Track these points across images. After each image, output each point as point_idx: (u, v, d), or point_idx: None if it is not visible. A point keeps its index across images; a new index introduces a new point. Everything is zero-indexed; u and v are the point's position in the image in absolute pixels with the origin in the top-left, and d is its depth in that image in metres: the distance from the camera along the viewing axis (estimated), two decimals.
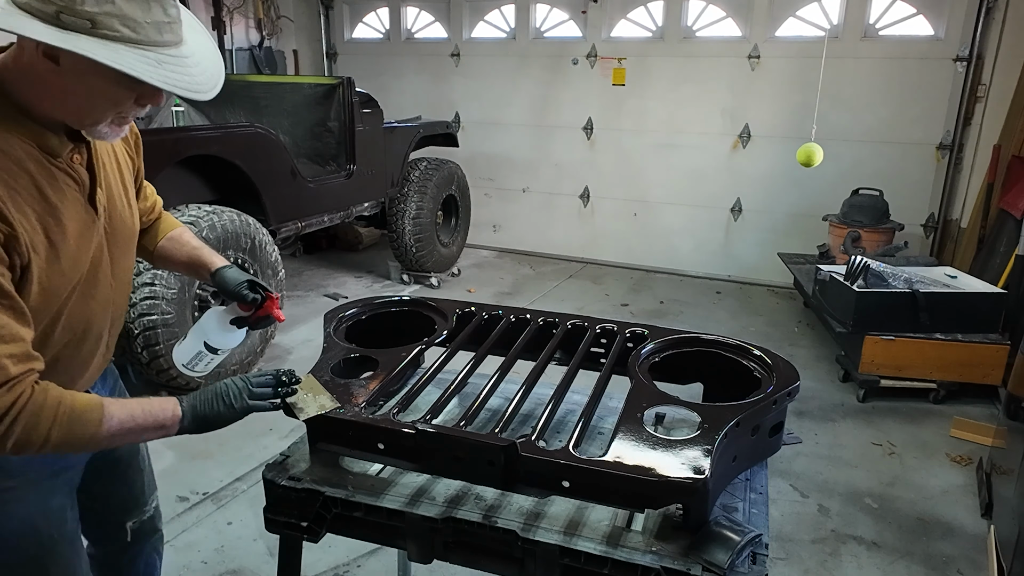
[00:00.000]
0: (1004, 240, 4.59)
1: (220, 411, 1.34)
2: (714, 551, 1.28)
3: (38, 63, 1.08)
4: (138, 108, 1.19)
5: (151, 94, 1.15)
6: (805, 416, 3.92)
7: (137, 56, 1.06)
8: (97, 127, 1.17)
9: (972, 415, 3.87)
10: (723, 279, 6.51)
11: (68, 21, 1.01)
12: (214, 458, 3.32)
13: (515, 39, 6.94)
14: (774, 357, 1.67)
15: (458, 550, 1.44)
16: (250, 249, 4.03)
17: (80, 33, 1.02)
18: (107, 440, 1.20)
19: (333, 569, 2.63)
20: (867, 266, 4.20)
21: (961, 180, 5.57)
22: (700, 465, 1.29)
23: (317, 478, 1.53)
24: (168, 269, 1.73)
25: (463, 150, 6.83)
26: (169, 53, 1.11)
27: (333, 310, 1.93)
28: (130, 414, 1.22)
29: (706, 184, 6.40)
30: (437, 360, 1.75)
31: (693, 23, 6.26)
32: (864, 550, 2.84)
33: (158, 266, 1.69)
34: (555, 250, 7.19)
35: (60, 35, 1.01)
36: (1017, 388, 3.00)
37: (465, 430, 1.44)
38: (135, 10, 1.05)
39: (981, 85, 5.33)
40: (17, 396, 1.08)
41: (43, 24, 1.01)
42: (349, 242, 7.21)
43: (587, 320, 1.93)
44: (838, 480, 3.32)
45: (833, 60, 5.28)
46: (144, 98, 1.17)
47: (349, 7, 7.70)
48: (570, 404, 1.71)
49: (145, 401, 1.26)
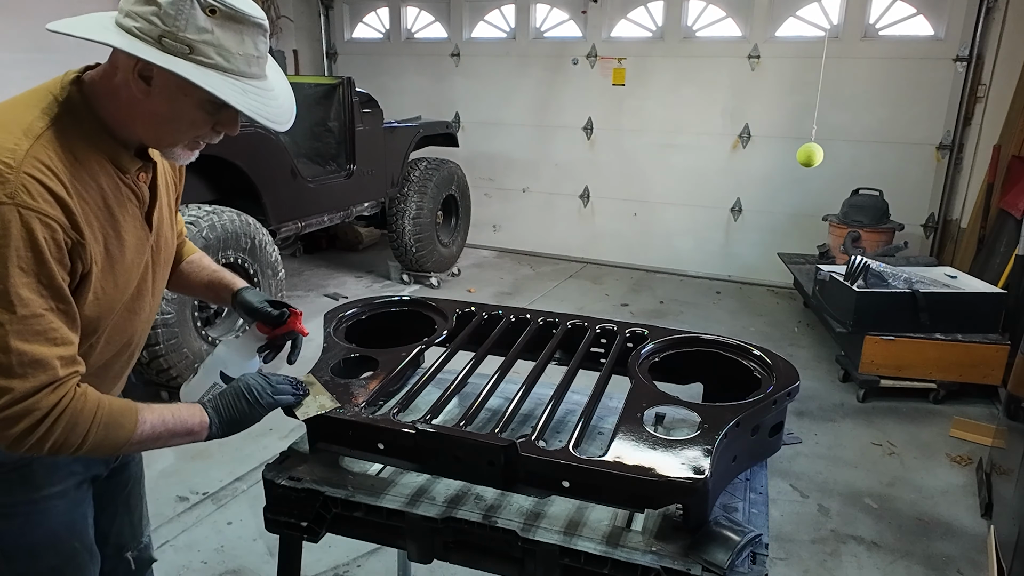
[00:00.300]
0: (1004, 240, 4.59)
1: (245, 410, 1.37)
2: (714, 551, 1.28)
3: (131, 83, 1.15)
4: (214, 134, 1.26)
5: (228, 122, 1.24)
6: (805, 416, 3.92)
7: (227, 83, 1.14)
8: (173, 148, 1.25)
9: (972, 415, 3.88)
10: (723, 279, 6.51)
11: (169, 45, 1.10)
12: (214, 458, 3.32)
13: (515, 39, 6.94)
14: (774, 357, 1.67)
15: (458, 550, 1.44)
16: (250, 249, 4.03)
17: (178, 57, 1.10)
18: (138, 444, 1.23)
19: (333, 569, 2.63)
20: (867, 266, 4.20)
21: (961, 180, 5.57)
22: (700, 465, 1.29)
23: (317, 478, 1.53)
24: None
25: (463, 150, 6.83)
26: (254, 84, 1.19)
27: (333, 310, 1.93)
28: (161, 419, 1.26)
29: (706, 184, 6.41)
30: (437, 360, 1.75)
31: (693, 23, 6.26)
32: (864, 550, 2.84)
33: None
34: (555, 250, 7.19)
35: (161, 56, 1.09)
36: (1017, 388, 3.00)
37: (465, 430, 1.44)
38: (230, 41, 1.14)
39: (981, 85, 5.33)
40: (61, 396, 1.11)
41: (146, 45, 1.10)
42: (349, 242, 7.22)
43: (587, 320, 1.93)
44: (838, 480, 3.32)
45: (833, 60, 5.28)
46: (221, 125, 1.24)
47: (349, 7, 7.70)
48: (570, 404, 1.71)
49: (175, 407, 1.30)
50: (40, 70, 5.55)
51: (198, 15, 1.10)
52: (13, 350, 1.06)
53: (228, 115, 1.22)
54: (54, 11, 5.16)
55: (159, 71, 1.11)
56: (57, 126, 1.14)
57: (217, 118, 1.22)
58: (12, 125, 1.11)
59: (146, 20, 1.09)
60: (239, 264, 4.02)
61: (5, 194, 1.05)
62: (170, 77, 1.11)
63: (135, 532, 1.68)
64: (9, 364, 1.06)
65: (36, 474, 1.31)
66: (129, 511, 1.65)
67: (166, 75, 1.11)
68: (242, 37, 1.15)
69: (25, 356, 1.07)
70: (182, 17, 1.09)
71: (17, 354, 1.06)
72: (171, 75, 1.10)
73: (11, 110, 1.15)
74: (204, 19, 1.11)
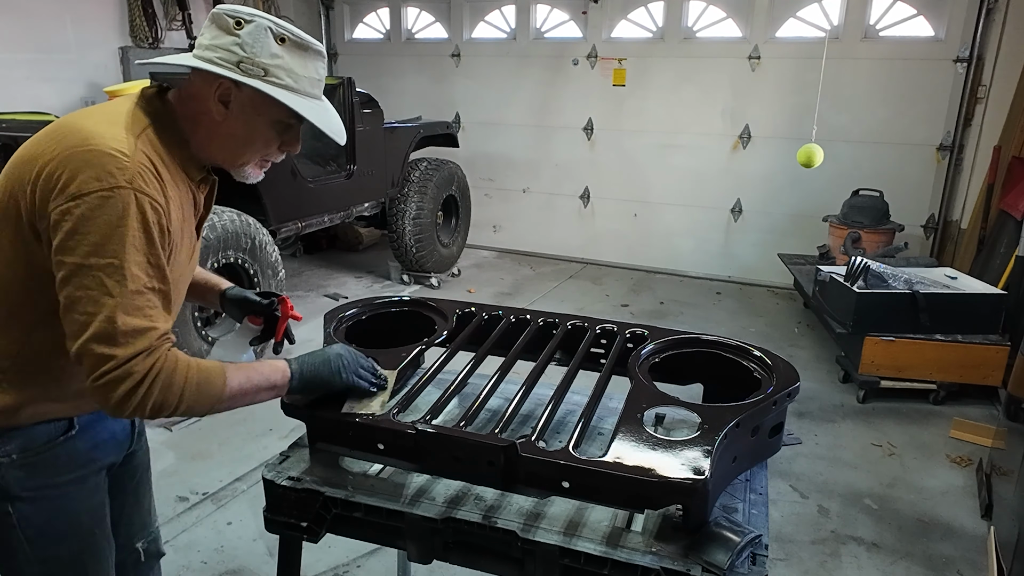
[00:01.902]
0: (1004, 241, 4.59)
1: (324, 376, 1.47)
2: (714, 552, 1.28)
3: (211, 107, 1.31)
4: (279, 153, 1.42)
5: (291, 141, 1.41)
6: (805, 417, 3.92)
7: (297, 100, 1.31)
8: (245, 168, 1.41)
9: (972, 416, 3.87)
10: (723, 280, 6.51)
11: (247, 68, 1.28)
12: (214, 458, 3.32)
13: (515, 40, 6.94)
14: (774, 358, 1.67)
15: (458, 550, 1.44)
16: (250, 249, 4.04)
17: (256, 79, 1.28)
18: (229, 401, 1.31)
19: (333, 569, 2.63)
20: (867, 267, 4.20)
21: (961, 181, 5.57)
22: (700, 466, 1.29)
23: (317, 478, 1.53)
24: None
25: (463, 150, 6.83)
26: (315, 103, 1.36)
27: (333, 310, 1.93)
28: (247, 377, 1.34)
29: (706, 185, 6.41)
30: (437, 360, 1.75)
31: (693, 24, 6.26)
32: (864, 551, 2.84)
33: None
34: (555, 250, 7.19)
35: (243, 78, 1.27)
36: (1017, 389, 3.00)
37: (465, 430, 1.44)
38: (297, 65, 1.32)
39: (981, 86, 5.33)
40: (155, 361, 1.20)
41: (228, 71, 1.27)
42: (349, 242, 7.22)
43: (587, 320, 1.93)
44: (838, 481, 3.32)
45: (833, 61, 5.28)
46: (285, 145, 1.41)
47: (349, 7, 7.71)
48: (570, 404, 1.71)
49: (258, 364, 1.40)
50: (40, 70, 5.58)
51: (271, 43, 1.29)
52: (119, 322, 1.16)
53: (292, 134, 1.39)
54: (54, 11, 5.19)
55: (236, 95, 1.30)
56: (153, 128, 1.29)
57: (283, 137, 1.39)
58: (115, 124, 1.24)
59: (226, 50, 1.27)
60: (239, 264, 4.02)
61: (124, 179, 1.18)
62: (246, 99, 1.30)
63: (144, 522, 1.72)
64: (114, 333, 1.16)
65: (59, 459, 1.37)
66: (138, 500, 1.69)
67: (243, 97, 1.30)
68: (306, 62, 1.34)
69: (128, 327, 1.17)
70: (258, 45, 1.28)
71: (120, 325, 1.16)
72: (247, 97, 1.29)
73: (108, 113, 1.28)
74: (276, 46, 1.29)
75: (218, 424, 3.56)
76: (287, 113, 1.33)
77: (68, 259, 1.16)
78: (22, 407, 1.31)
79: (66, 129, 1.24)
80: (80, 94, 5.66)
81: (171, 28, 6.29)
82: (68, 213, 1.16)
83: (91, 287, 1.16)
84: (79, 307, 1.16)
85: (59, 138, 1.22)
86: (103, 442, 1.45)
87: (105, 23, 5.84)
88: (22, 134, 3.68)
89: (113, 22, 5.90)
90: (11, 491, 1.33)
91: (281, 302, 1.73)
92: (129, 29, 6.00)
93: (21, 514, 1.36)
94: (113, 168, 1.17)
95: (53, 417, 1.35)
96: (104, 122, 1.25)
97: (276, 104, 1.30)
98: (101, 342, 1.16)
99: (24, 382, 1.31)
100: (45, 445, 1.34)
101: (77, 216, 1.15)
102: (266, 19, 1.30)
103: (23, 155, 1.25)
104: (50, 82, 5.41)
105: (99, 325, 1.15)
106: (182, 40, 6.36)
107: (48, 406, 1.34)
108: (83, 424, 1.39)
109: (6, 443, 1.31)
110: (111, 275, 1.16)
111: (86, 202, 1.15)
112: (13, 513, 1.35)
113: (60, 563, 1.42)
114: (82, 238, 1.15)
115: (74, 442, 1.38)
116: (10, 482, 1.33)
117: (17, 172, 1.24)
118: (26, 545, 1.38)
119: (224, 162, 1.40)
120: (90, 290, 1.16)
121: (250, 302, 1.72)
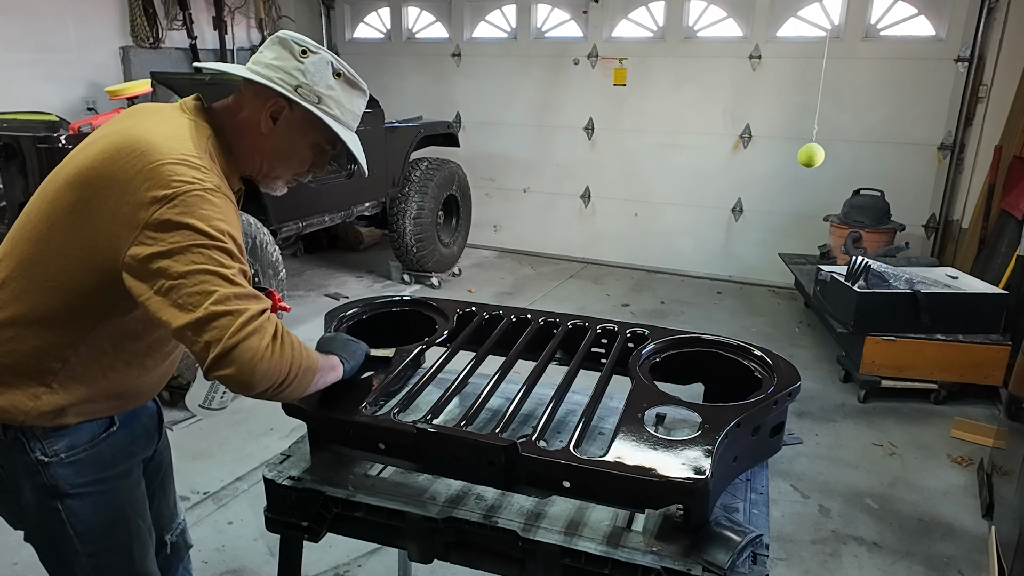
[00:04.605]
0: (1005, 241, 4.58)
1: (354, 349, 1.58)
2: (715, 551, 1.28)
3: (261, 122, 1.41)
4: (307, 174, 1.54)
5: (320, 164, 1.53)
6: (806, 417, 3.92)
7: (339, 128, 1.44)
8: (277, 180, 1.52)
9: (973, 416, 3.87)
10: (724, 279, 6.50)
11: (304, 94, 1.40)
12: (215, 458, 3.33)
13: (516, 39, 6.94)
14: (775, 357, 1.67)
15: (458, 550, 1.45)
16: (251, 249, 4.04)
17: (310, 104, 1.40)
18: (320, 377, 1.39)
19: (333, 569, 2.63)
20: (868, 267, 4.20)
21: (962, 181, 5.56)
22: (701, 465, 1.29)
23: (318, 478, 1.53)
24: None
25: (464, 150, 6.83)
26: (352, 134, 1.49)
27: (334, 310, 1.93)
28: (318, 356, 1.40)
29: (707, 184, 6.40)
30: (438, 360, 1.75)
31: (694, 23, 6.26)
32: (865, 551, 2.84)
33: None
34: (556, 250, 7.19)
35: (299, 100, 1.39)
36: (1018, 389, 3.00)
37: (466, 430, 1.44)
38: (346, 99, 1.45)
39: (982, 86, 5.33)
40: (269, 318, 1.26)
41: (286, 91, 1.38)
42: (350, 242, 7.22)
43: (588, 320, 1.93)
44: (839, 481, 3.32)
45: (834, 60, 5.27)
46: (314, 167, 1.53)
47: (350, 7, 7.71)
48: (571, 404, 1.71)
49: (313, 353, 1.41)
50: (41, 70, 5.58)
51: (329, 75, 1.42)
52: (242, 285, 1.24)
53: (323, 158, 1.51)
54: (55, 11, 5.19)
55: (287, 114, 1.41)
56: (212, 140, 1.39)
57: (315, 159, 1.51)
58: (182, 140, 1.31)
59: (288, 73, 1.39)
60: None
61: (213, 184, 1.27)
62: (296, 119, 1.41)
63: (171, 515, 1.79)
64: (243, 293, 1.23)
65: (104, 455, 1.43)
66: (165, 494, 1.75)
67: (292, 117, 1.41)
68: (353, 98, 1.47)
69: (248, 291, 1.25)
70: (318, 75, 1.40)
71: (244, 287, 1.24)
72: (297, 117, 1.41)
73: (170, 126, 1.34)
74: (332, 79, 1.42)
75: (218, 424, 3.56)
76: (327, 138, 1.46)
77: (173, 245, 1.20)
78: (69, 407, 1.36)
79: (140, 145, 1.26)
80: (81, 94, 5.66)
81: (172, 28, 6.29)
82: (165, 213, 1.21)
83: (201, 262, 1.20)
84: (191, 280, 1.19)
85: (136, 154, 1.25)
86: (139, 436, 1.53)
87: (106, 23, 5.84)
88: (23, 134, 3.69)
89: (114, 22, 5.91)
90: (61, 489, 1.39)
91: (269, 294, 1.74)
92: (130, 29, 6.00)
93: (70, 510, 1.41)
94: (199, 175, 1.26)
95: (96, 416, 1.41)
96: (172, 137, 1.31)
97: (322, 128, 1.42)
98: (229, 301, 1.19)
99: (73, 383, 1.35)
100: (90, 443, 1.41)
101: (176, 213, 1.21)
102: (328, 54, 1.43)
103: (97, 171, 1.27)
104: (51, 82, 5.42)
105: (223, 290, 1.19)
106: (183, 40, 6.37)
107: (91, 406, 1.39)
108: (123, 420, 1.47)
109: (54, 443, 1.37)
110: (220, 253, 1.22)
111: (183, 200, 1.22)
112: (62, 510, 1.40)
113: (108, 554, 1.48)
114: (183, 229, 1.20)
115: (116, 438, 1.45)
116: (59, 480, 1.38)
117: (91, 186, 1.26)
118: (75, 540, 1.43)
119: (259, 172, 1.49)
120: (202, 264, 1.20)
121: None
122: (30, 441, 1.35)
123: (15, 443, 1.35)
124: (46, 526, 1.43)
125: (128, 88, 4.89)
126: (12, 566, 2.61)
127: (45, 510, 1.40)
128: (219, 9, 6.61)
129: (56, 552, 1.45)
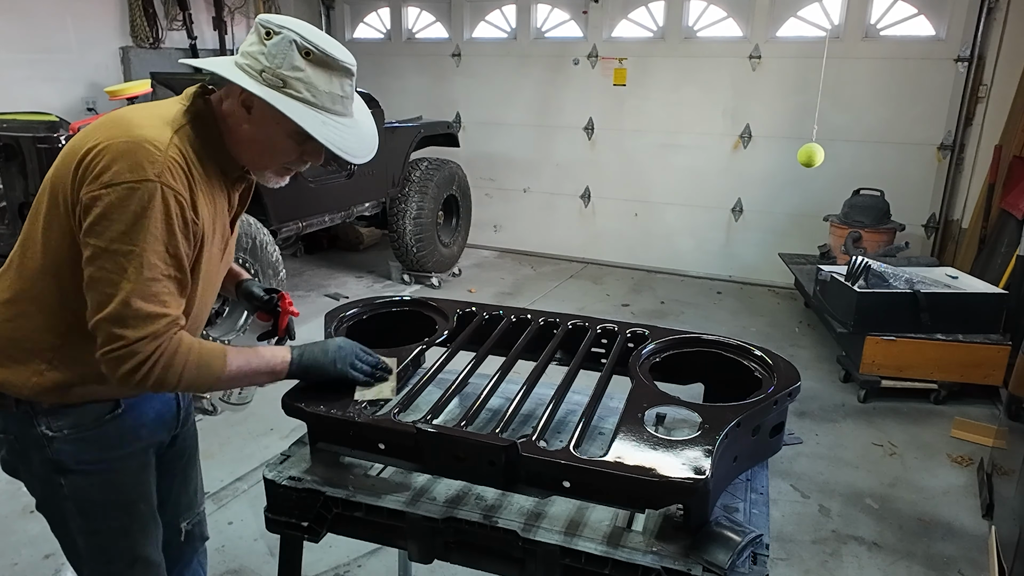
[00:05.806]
0: (1005, 241, 4.58)
1: (322, 364, 1.54)
2: (715, 551, 1.28)
3: (237, 110, 1.38)
4: (301, 163, 1.47)
5: (313, 152, 1.44)
6: (806, 416, 3.92)
7: (310, 114, 1.34)
8: (265, 172, 1.48)
9: (973, 416, 3.87)
10: (724, 279, 6.50)
11: (267, 79, 1.33)
12: (215, 458, 3.32)
13: (516, 39, 6.94)
14: (775, 357, 1.67)
15: (459, 550, 1.44)
16: (251, 249, 4.04)
17: (273, 90, 1.32)
18: (227, 382, 1.42)
19: (334, 569, 2.63)
20: (868, 266, 4.20)
21: (962, 180, 5.56)
22: (701, 465, 1.29)
23: (318, 478, 1.53)
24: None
25: (464, 150, 6.83)
26: (336, 120, 1.39)
27: (334, 310, 1.94)
28: (247, 360, 1.43)
29: (707, 184, 6.40)
30: (438, 360, 1.75)
31: (694, 23, 6.26)
32: (865, 551, 2.84)
33: None
34: (556, 250, 7.19)
35: (259, 88, 1.32)
36: (1018, 389, 3.00)
37: (466, 430, 1.44)
38: (318, 79, 1.35)
39: (982, 85, 5.33)
40: (159, 344, 1.29)
41: (249, 78, 1.33)
42: (350, 242, 7.22)
43: (588, 320, 1.93)
44: (839, 481, 3.32)
45: (834, 60, 5.27)
46: (307, 155, 1.45)
47: (350, 7, 7.71)
48: (571, 404, 1.71)
49: (260, 349, 1.48)
50: (41, 70, 5.58)
51: (295, 56, 1.32)
52: (132, 306, 1.25)
53: (313, 146, 1.40)
54: (55, 11, 5.19)
55: (258, 102, 1.33)
56: (191, 125, 1.37)
57: (303, 148, 1.42)
58: (156, 118, 1.33)
59: (254, 58, 1.34)
60: (240, 264, 4.02)
61: (154, 172, 1.25)
62: (266, 107, 1.33)
63: (191, 503, 1.80)
64: (125, 316, 1.25)
65: (108, 436, 1.47)
66: (186, 481, 1.77)
67: (263, 105, 1.33)
68: (330, 78, 1.36)
69: (140, 312, 1.26)
70: (280, 56, 1.32)
71: (134, 309, 1.26)
72: (267, 105, 1.32)
73: (154, 109, 1.38)
74: (300, 60, 1.33)
75: (219, 424, 3.56)
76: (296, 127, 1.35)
77: (94, 241, 1.25)
78: (72, 386, 1.40)
79: (115, 119, 1.33)
80: (81, 94, 5.67)
81: (172, 28, 6.29)
82: (99, 199, 1.24)
83: (112, 270, 1.25)
84: (99, 287, 1.26)
85: (107, 127, 1.30)
86: (149, 422, 1.55)
87: (106, 23, 5.84)
88: (22, 134, 3.69)
89: (114, 22, 5.91)
90: (64, 464, 1.44)
91: (280, 298, 1.82)
92: (130, 29, 6.01)
93: (73, 486, 1.46)
94: (144, 161, 1.26)
95: (101, 398, 1.45)
96: (149, 115, 1.34)
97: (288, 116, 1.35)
98: (114, 323, 1.25)
99: (73, 361, 1.39)
100: (94, 422, 1.44)
101: (106, 203, 1.24)
102: (295, 32, 1.33)
103: (74, 144, 1.33)
104: (51, 82, 5.42)
105: (115, 307, 1.25)
106: (182, 40, 6.37)
107: (95, 388, 1.42)
108: (129, 404, 1.49)
109: (59, 419, 1.42)
110: (131, 262, 1.25)
111: (116, 191, 1.24)
112: (65, 485, 1.45)
113: (109, 534, 1.51)
114: (109, 224, 1.24)
115: (121, 420, 1.48)
116: (63, 456, 1.43)
117: (65, 159, 1.32)
118: (78, 517, 1.48)
119: (247, 164, 1.47)
120: (111, 273, 1.25)
121: (254, 295, 1.82)
122: (37, 415, 1.41)
123: (25, 416, 1.41)
124: (51, 499, 1.49)
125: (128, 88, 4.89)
126: (12, 566, 2.61)
127: (50, 484, 1.46)
128: (219, 9, 6.61)
129: (62, 527, 1.51)
